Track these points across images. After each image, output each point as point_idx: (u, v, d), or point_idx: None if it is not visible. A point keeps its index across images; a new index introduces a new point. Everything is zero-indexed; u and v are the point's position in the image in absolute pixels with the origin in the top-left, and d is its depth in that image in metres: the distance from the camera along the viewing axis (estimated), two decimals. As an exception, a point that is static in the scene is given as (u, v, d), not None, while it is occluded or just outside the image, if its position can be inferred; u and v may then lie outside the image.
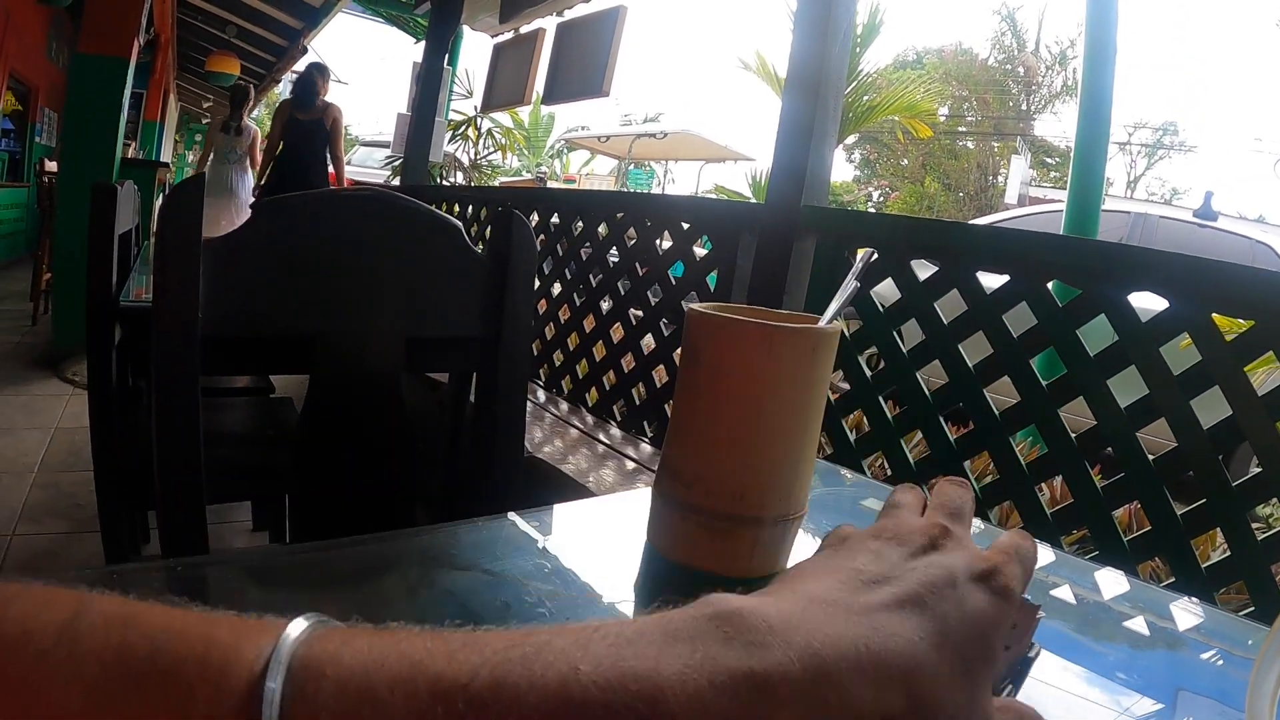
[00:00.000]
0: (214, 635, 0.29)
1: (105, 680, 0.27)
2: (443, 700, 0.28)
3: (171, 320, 1.03)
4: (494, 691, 0.29)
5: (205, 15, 10.32)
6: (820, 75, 2.60)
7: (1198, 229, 6.70)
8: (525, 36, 5.74)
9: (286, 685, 0.28)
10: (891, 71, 18.30)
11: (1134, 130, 29.70)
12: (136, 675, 0.28)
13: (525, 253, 1.27)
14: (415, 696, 0.28)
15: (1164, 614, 0.90)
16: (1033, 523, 2.07)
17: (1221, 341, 1.78)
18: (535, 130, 20.73)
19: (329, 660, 0.29)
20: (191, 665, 0.28)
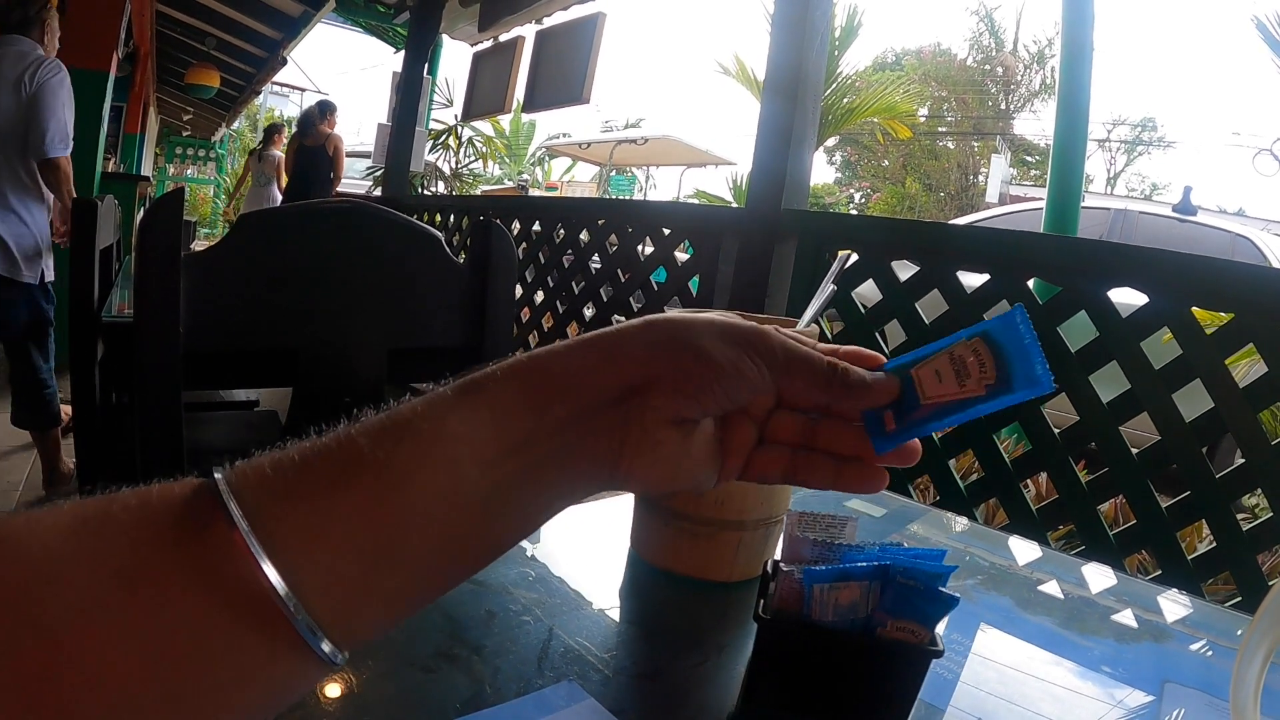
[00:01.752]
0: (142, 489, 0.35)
1: (77, 520, 0.32)
2: (340, 429, 0.37)
3: (153, 335, 1.03)
4: (383, 411, 0.38)
5: (184, 27, 10.26)
6: (798, 78, 2.61)
7: (1178, 224, 6.74)
8: (504, 45, 5.73)
9: (229, 469, 0.35)
10: (871, 73, 18.37)
11: (1113, 127, 29.88)
12: (103, 506, 0.33)
13: (505, 261, 1.27)
14: (319, 440, 0.37)
15: (1151, 607, 0.91)
16: (1019, 519, 2.08)
17: (1202, 335, 1.79)
18: (516, 138, 20.68)
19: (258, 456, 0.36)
20: (151, 489, 0.34)
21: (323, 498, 0.34)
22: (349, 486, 0.35)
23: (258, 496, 0.34)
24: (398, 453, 0.36)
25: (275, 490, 0.34)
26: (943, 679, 0.66)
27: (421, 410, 0.38)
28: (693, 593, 0.77)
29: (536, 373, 0.41)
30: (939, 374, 0.45)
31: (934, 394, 0.44)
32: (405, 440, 0.36)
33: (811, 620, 0.55)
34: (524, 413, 0.39)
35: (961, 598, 0.80)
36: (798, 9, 2.62)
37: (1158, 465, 1.87)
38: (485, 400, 0.39)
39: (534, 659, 0.62)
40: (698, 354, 0.42)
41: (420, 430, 0.37)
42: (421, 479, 0.36)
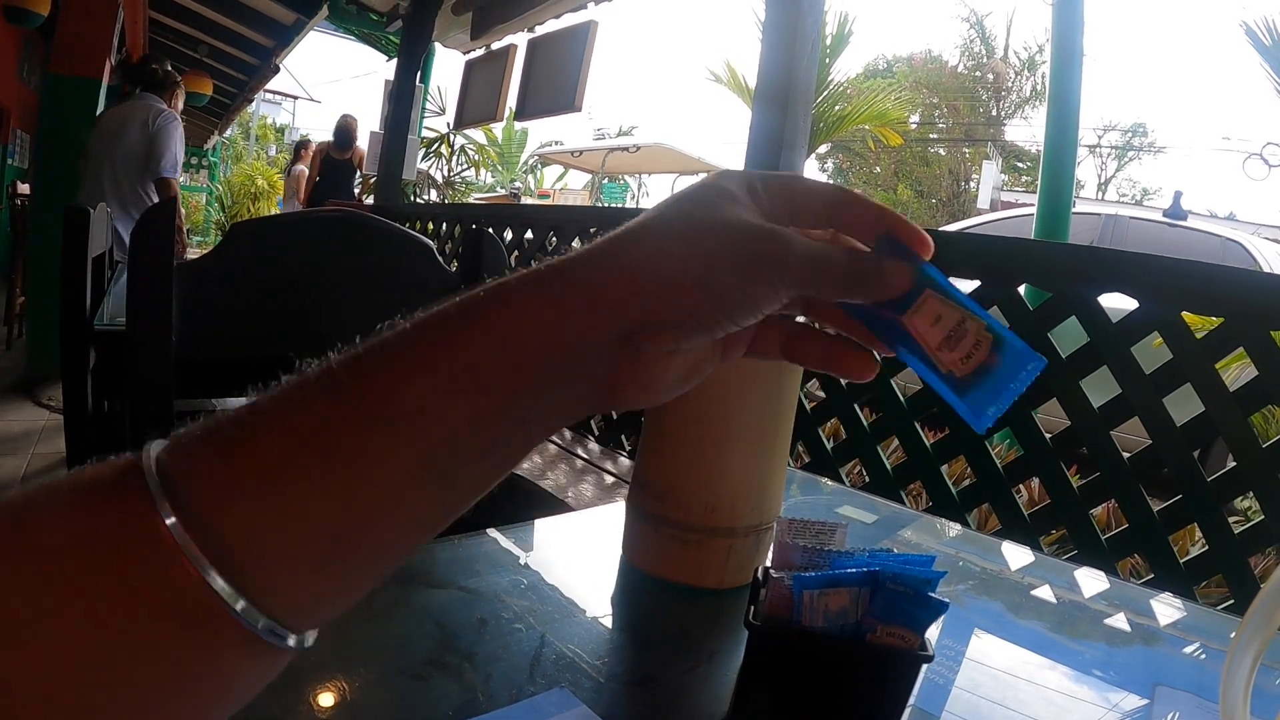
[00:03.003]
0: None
1: (10, 520, 0.30)
2: (282, 393, 0.33)
3: (146, 343, 1.03)
4: (326, 367, 0.34)
5: (177, 35, 10.25)
6: (790, 86, 2.61)
7: (1168, 229, 6.77)
8: (497, 53, 5.74)
9: (165, 446, 0.32)
10: (862, 80, 18.42)
11: (1103, 133, 29.97)
12: (36, 500, 0.30)
13: (497, 270, 1.27)
14: (261, 407, 0.32)
15: (1144, 610, 0.91)
16: (1011, 524, 2.08)
17: (1192, 339, 1.80)
18: (508, 146, 20.69)
19: (194, 425, 0.33)
20: (84, 473, 0.31)
21: (270, 490, 0.31)
22: (300, 477, 0.31)
23: (195, 486, 0.30)
24: (354, 434, 0.32)
25: (215, 476, 0.31)
26: (935, 684, 0.66)
27: (374, 376, 0.33)
28: (684, 599, 0.77)
29: (511, 329, 0.35)
30: (939, 318, 0.42)
31: (919, 329, 0.42)
32: (359, 416, 0.32)
33: (802, 626, 0.55)
34: (497, 380, 0.34)
35: (954, 603, 0.80)
36: (789, 17, 2.63)
37: (1149, 469, 1.88)
38: (448, 365, 0.34)
39: (526, 666, 0.62)
40: (702, 288, 0.37)
41: (375, 405, 0.32)
42: (382, 461, 0.32)
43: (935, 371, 0.41)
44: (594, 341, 0.36)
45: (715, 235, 0.38)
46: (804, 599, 0.55)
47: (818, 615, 0.55)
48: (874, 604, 0.55)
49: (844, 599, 0.55)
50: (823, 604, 0.55)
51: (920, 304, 0.41)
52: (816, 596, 0.55)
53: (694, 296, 0.37)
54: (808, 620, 0.55)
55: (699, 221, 0.38)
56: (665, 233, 0.38)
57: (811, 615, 0.55)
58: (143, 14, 9.05)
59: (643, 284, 0.37)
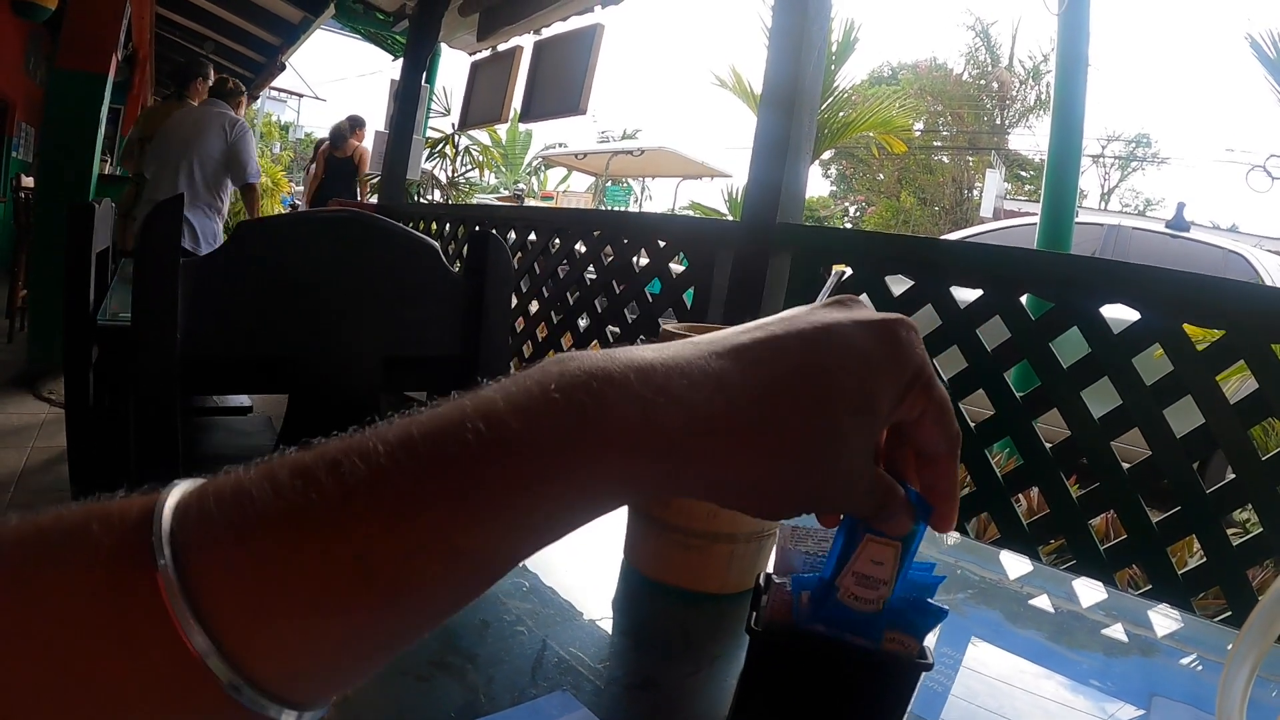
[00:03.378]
0: (110, 501, 0.31)
1: (19, 552, 0.29)
2: (302, 474, 0.30)
3: (150, 340, 1.03)
4: (344, 452, 0.31)
5: (184, 31, 10.27)
6: (795, 92, 2.62)
7: (1171, 240, 6.78)
8: (503, 54, 5.74)
9: (176, 503, 0.30)
10: (867, 87, 18.42)
11: (1107, 143, 30.02)
12: (44, 538, 0.29)
13: (501, 272, 1.28)
14: (278, 480, 0.30)
15: (1141, 621, 0.91)
16: (1010, 533, 2.08)
17: (1193, 351, 1.81)
18: (513, 147, 20.70)
19: (209, 484, 0.32)
20: (94, 518, 0.30)
21: (302, 615, 0.30)
22: (350, 608, 0.30)
23: (218, 604, 0.29)
24: (408, 569, 0.31)
25: (242, 590, 0.29)
26: (933, 692, 0.67)
27: (443, 516, 0.31)
28: (686, 604, 0.78)
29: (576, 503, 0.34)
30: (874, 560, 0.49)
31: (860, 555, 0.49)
32: (420, 554, 0.31)
33: (801, 630, 0.56)
34: (557, 532, 0.35)
35: (952, 611, 0.80)
36: (795, 23, 2.63)
37: (1149, 480, 1.88)
38: (519, 522, 0.33)
39: (528, 669, 0.62)
40: (774, 510, 0.39)
41: (437, 543, 0.31)
42: (422, 596, 0.31)
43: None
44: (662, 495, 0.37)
45: (824, 480, 0.39)
46: (800, 599, 0.55)
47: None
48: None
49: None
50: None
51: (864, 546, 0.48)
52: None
53: (760, 509, 0.39)
54: (805, 623, 0.55)
55: (817, 461, 0.39)
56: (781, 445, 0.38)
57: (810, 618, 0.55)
58: (150, 10, 9.06)
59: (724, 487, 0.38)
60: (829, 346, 0.39)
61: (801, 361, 0.38)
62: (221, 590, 0.29)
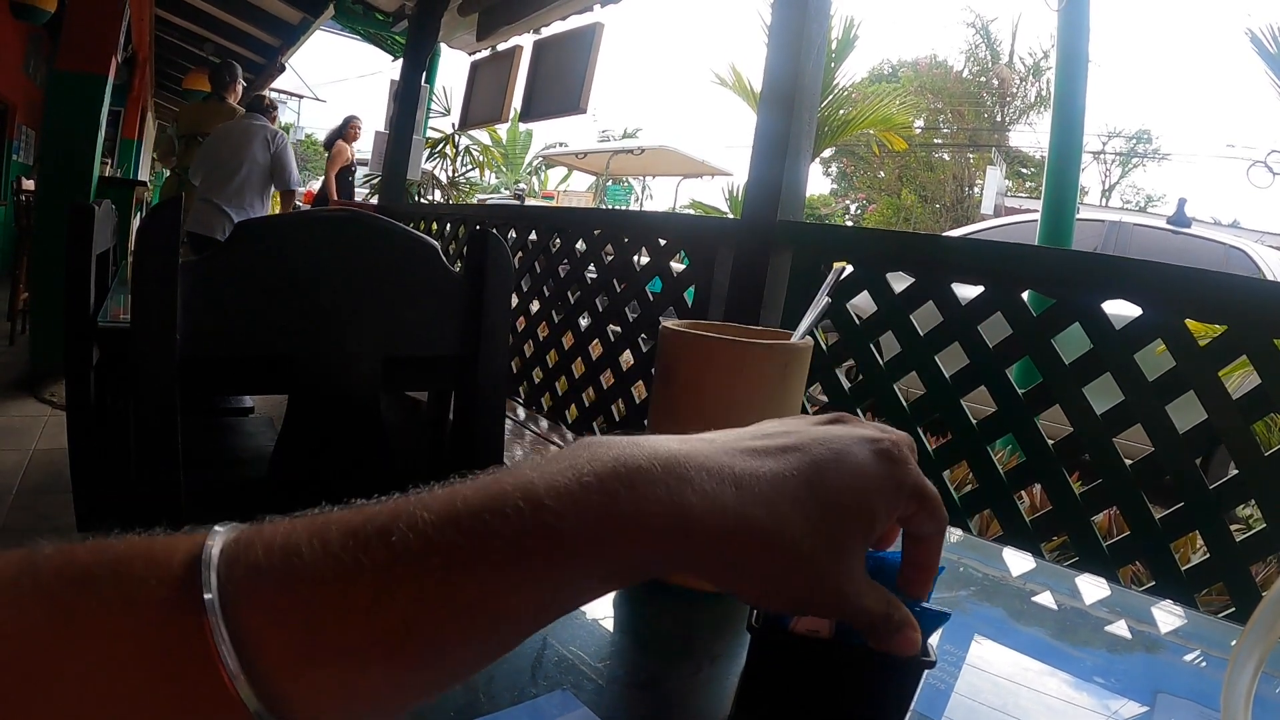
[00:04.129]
0: (153, 541, 0.33)
1: (58, 586, 0.30)
2: (352, 536, 0.33)
3: (150, 341, 1.03)
4: (392, 519, 0.33)
5: (183, 33, 10.27)
6: (795, 90, 2.62)
7: (1172, 236, 6.77)
8: (502, 54, 5.74)
9: (222, 550, 0.32)
10: (867, 85, 18.44)
11: (1108, 139, 30.01)
12: (86, 575, 0.30)
13: (501, 271, 1.28)
14: (328, 540, 0.32)
15: (1144, 618, 0.91)
16: (1012, 531, 2.08)
17: (1195, 347, 1.80)
18: (513, 147, 20.71)
19: (254, 534, 0.33)
20: (137, 559, 0.31)
21: (343, 669, 0.31)
22: (391, 665, 0.32)
23: (268, 661, 0.30)
24: (450, 634, 0.33)
25: (298, 652, 0.31)
26: (936, 690, 0.66)
27: (489, 585, 0.34)
28: (686, 602, 0.77)
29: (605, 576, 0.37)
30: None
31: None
32: (461, 621, 0.33)
33: (797, 633, 0.55)
34: (585, 598, 0.37)
35: (955, 609, 0.80)
36: (795, 20, 2.63)
37: (1151, 476, 1.88)
38: (553, 589, 0.36)
39: (528, 668, 0.62)
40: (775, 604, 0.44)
41: (478, 613, 0.33)
42: (456, 657, 0.34)
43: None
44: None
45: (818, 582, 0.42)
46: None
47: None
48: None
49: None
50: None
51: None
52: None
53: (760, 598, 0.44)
54: (802, 627, 0.55)
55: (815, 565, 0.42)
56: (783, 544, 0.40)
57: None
58: (149, 12, 9.06)
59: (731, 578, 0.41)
60: (836, 468, 0.43)
61: (811, 479, 0.42)
62: (268, 640, 0.31)
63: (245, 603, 0.31)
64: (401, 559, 0.32)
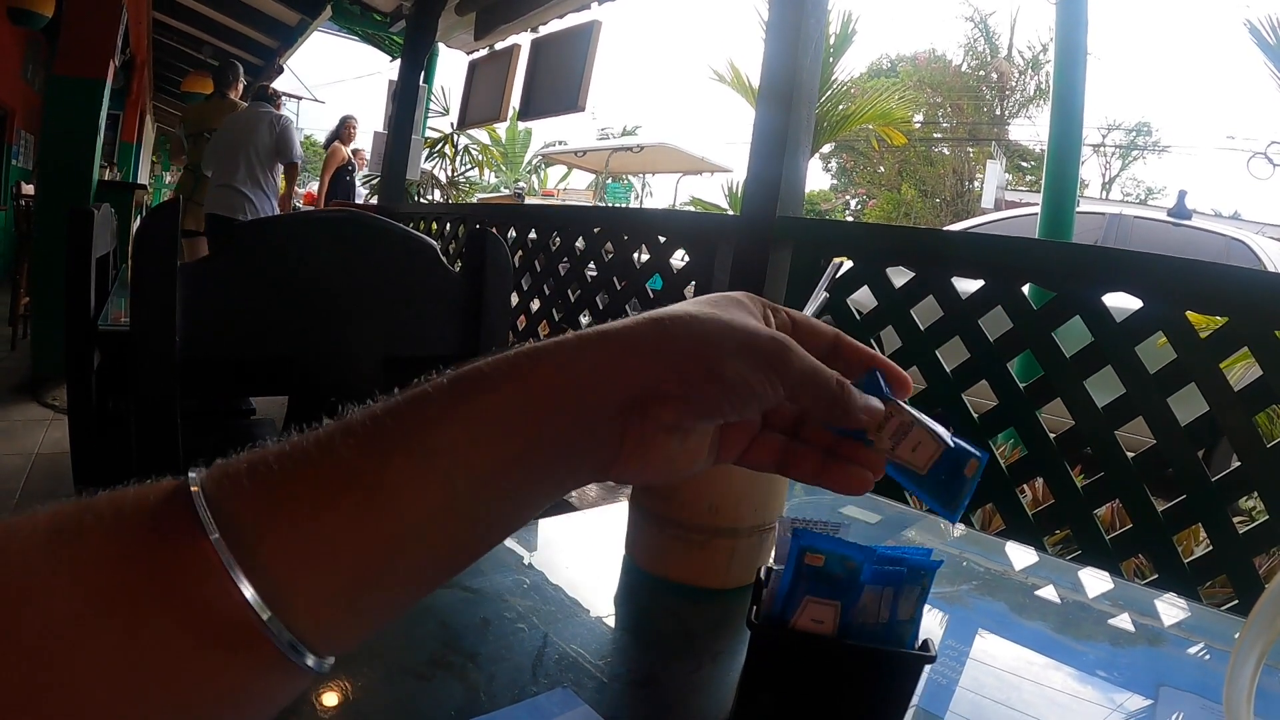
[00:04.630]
0: (128, 489, 0.35)
1: (52, 530, 0.31)
2: (311, 432, 0.36)
3: (150, 344, 1.03)
4: (348, 414, 0.37)
5: (181, 36, 10.27)
6: (793, 86, 2.61)
7: (1173, 228, 6.76)
8: (500, 53, 5.74)
9: (203, 469, 0.34)
10: (866, 80, 18.42)
11: (1108, 132, 29.96)
12: (78, 516, 0.32)
13: (500, 270, 1.28)
14: (292, 440, 0.35)
15: (1147, 611, 0.91)
16: (1015, 524, 2.08)
17: (1196, 339, 1.80)
18: (512, 146, 20.68)
19: (223, 463, 0.35)
20: (127, 492, 0.34)
21: (307, 519, 0.33)
22: (335, 507, 0.33)
23: (236, 509, 0.32)
24: (387, 471, 0.34)
25: (256, 504, 0.33)
26: (939, 684, 0.66)
27: (411, 419, 0.36)
28: (687, 599, 0.77)
29: (538, 382, 0.39)
30: (899, 430, 0.47)
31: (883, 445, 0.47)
32: (395, 456, 0.35)
33: (796, 629, 0.55)
34: (521, 425, 0.38)
35: (957, 603, 0.80)
36: (792, 16, 2.63)
37: (1154, 469, 1.88)
38: (481, 412, 0.37)
39: (528, 666, 0.62)
40: (710, 371, 0.41)
41: (410, 446, 0.35)
42: (411, 497, 0.35)
43: (907, 475, 0.47)
44: (609, 403, 0.40)
45: (730, 332, 0.42)
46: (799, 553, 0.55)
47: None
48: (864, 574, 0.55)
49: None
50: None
51: (884, 423, 0.47)
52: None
53: (702, 378, 0.41)
54: (804, 620, 0.55)
55: (717, 320, 0.42)
56: (689, 323, 0.42)
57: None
58: (146, 15, 9.06)
59: (660, 360, 0.41)
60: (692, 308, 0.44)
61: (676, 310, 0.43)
62: (239, 511, 0.32)
63: (220, 491, 0.33)
64: (344, 425, 0.36)
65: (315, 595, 0.33)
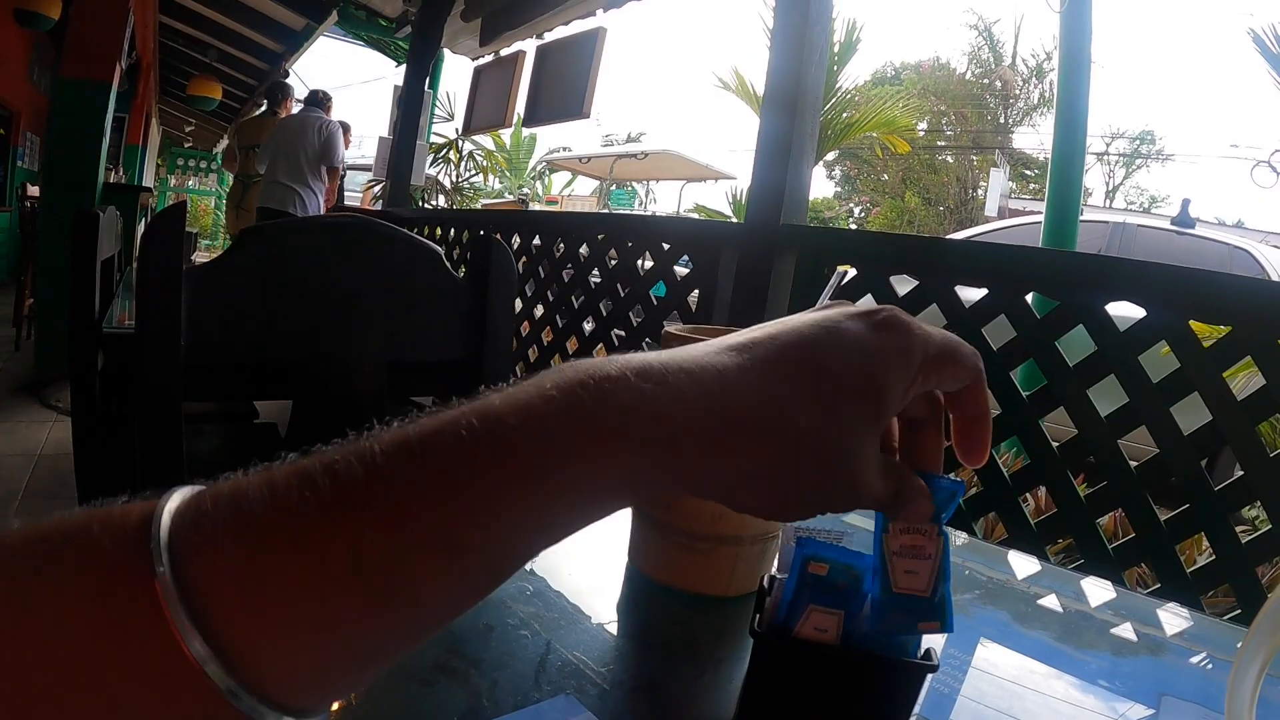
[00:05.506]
0: (113, 506, 0.31)
1: (18, 553, 0.29)
2: (299, 475, 0.31)
3: (155, 347, 1.03)
4: (344, 459, 0.31)
5: (187, 39, 10.30)
6: (798, 94, 2.61)
7: (1176, 236, 6.76)
8: (505, 59, 5.75)
9: (175, 507, 0.30)
10: (870, 88, 18.42)
11: (1111, 140, 29.97)
12: (44, 540, 0.30)
13: (504, 276, 1.28)
14: (275, 482, 0.30)
15: (1149, 620, 0.91)
16: (1018, 533, 2.08)
17: (1199, 348, 1.80)
18: (517, 152, 20.74)
19: (208, 488, 0.32)
20: (95, 521, 0.30)
21: (297, 616, 0.29)
22: (350, 605, 0.30)
23: (209, 579, 0.29)
24: (405, 566, 0.30)
25: (239, 576, 0.29)
26: (941, 694, 0.66)
27: (442, 504, 0.31)
28: (690, 607, 0.77)
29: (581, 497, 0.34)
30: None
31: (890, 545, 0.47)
32: (417, 551, 0.30)
33: (798, 637, 0.55)
34: (564, 528, 0.34)
35: (960, 612, 0.80)
36: (797, 24, 2.63)
37: (1157, 478, 1.87)
38: (535, 510, 0.33)
39: (531, 672, 0.62)
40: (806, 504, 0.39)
41: (433, 539, 0.31)
42: (417, 596, 0.31)
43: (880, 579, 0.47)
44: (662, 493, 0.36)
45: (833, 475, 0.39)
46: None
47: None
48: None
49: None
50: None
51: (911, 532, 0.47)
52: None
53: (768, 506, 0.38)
54: (807, 630, 0.55)
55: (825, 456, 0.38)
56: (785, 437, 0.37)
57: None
58: (153, 18, 9.09)
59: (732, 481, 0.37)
60: (830, 343, 0.39)
61: (803, 356, 0.38)
62: (217, 592, 0.29)
63: (194, 555, 0.29)
64: (347, 492, 0.30)
65: (291, 670, 0.30)
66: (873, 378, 0.39)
